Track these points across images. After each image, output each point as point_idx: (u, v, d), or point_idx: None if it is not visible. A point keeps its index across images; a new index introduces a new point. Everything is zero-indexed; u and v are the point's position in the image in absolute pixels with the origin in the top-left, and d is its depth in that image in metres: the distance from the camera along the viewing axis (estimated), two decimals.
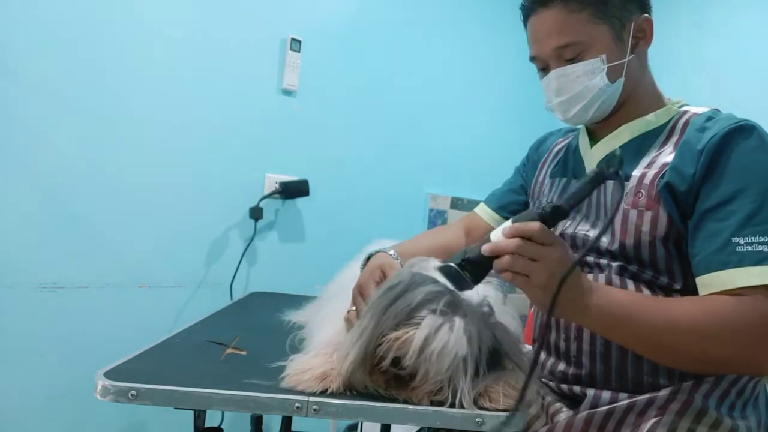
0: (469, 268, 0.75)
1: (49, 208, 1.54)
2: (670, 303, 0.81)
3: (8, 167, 1.48)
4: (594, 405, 0.87)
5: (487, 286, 0.88)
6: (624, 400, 0.84)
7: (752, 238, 0.77)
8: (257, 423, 1.73)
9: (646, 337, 0.78)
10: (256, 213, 1.87)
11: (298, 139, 1.99)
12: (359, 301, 0.90)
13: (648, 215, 0.86)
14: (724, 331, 0.76)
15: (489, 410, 0.71)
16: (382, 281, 0.89)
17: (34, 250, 1.52)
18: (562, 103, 0.95)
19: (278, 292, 1.74)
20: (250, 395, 0.71)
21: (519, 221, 0.75)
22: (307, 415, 0.70)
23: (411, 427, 0.82)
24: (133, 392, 0.70)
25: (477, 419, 0.70)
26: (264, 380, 0.76)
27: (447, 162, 2.40)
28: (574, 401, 0.92)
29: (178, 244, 1.76)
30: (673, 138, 0.90)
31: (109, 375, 0.73)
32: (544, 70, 0.97)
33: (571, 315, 0.81)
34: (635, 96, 0.95)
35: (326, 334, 0.89)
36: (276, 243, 1.97)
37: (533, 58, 0.98)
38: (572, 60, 0.92)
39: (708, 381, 0.82)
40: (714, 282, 0.79)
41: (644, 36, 0.94)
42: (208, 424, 0.96)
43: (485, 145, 2.52)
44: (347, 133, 2.11)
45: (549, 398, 0.96)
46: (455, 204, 2.42)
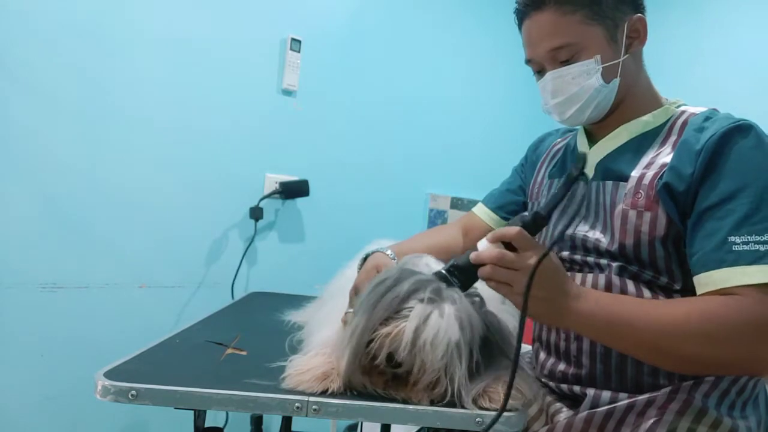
0: (457, 274, 0.78)
1: (49, 208, 1.54)
2: (659, 305, 0.81)
3: (8, 167, 1.48)
4: (594, 405, 0.87)
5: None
6: (624, 400, 0.84)
7: (749, 237, 0.77)
8: (257, 423, 1.73)
9: (635, 340, 0.78)
10: (256, 213, 1.87)
11: (298, 139, 1.99)
12: (356, 301, 0.90)
13: (647, 216, 0.86)
14: (714, 331, 0.75)
15: (489, 410, 0.71)
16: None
17: (34, 251, 1.52)
18: (559, 104, 0.96)
19: (278, 292, 1.74)
20: (250, 395, 0.71)
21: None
22: (307, 415, 0.70)
23: (411, 427, 0.82)
24: (133, 392, 0.70)
25: (477, 419, 0.70)
26: (264, 380, 0.76)
27: (447, 162, 2.40)
28: (574, 401, 0.92)
29: (178, 244, 1.76)
30: (672, 138, 0.90)
31: (109, 375, 0.73)
32: (540, 72, 0.98)
33: (559, 321, 0.81)
34: (632, 96, 0.96)
35: (325, 334, 0.89)
36: (276, 243, 1.97)
37: (529, 61, 0.99)
38: (567, 62, 0.92)
39: (708, 380, 0.82)
40: (709, 281, 0.79)
41: (638, 36, 0.94)
42: (209, 424, 0.96)
43: (485, 145, 2.52)
44: (347, 133, 2.11)
45: (549, 398, 0.96)
46: (455, 204, 2.42)
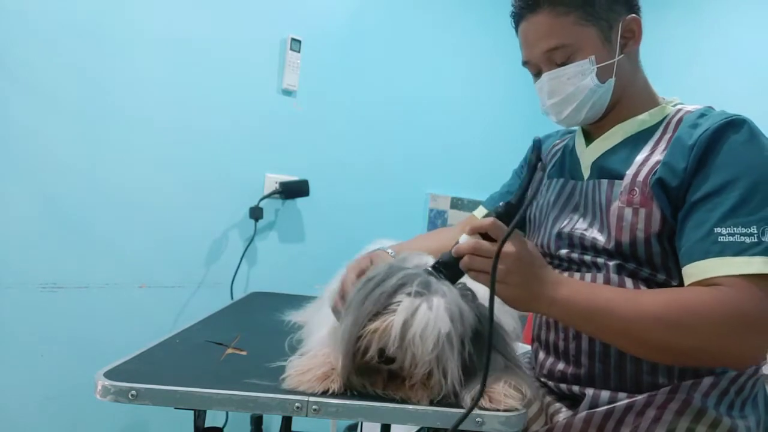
0: (443, 270, 0.79)
1: (49, 208, 1.54)
2: (640, 294, 0.82)
3: (8, 167, 1.48)
4: (593, 405, 0.87)
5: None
6: (623, 399, 0.84)
7: (734, 229, 0.77)
8: (257, 423, 1.73)
9: (614, 328, 0.78)
10: (256, 213, 1.87)
11: (298, 139, 1.99)
12: (343, 281, 0.91)
13: (642, 212, 0.86)
14: (691, 320, 0.74)
15: (489, 410, 0.71)
16: (367, 269, 0.90)
17: (34, 250, 1.52)
18: (555, 104, 0.97)
19: (278, 292, 1.74)
20: (250, 395, 0.71)
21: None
22: (307, 415, 0.70)
23: (411, 427, 0.82)
24: (133, 392, 0.70)
25: (477, 419, 0.70)
26: (264, 380, 0.76)
27: (447, 162, 2.40)
28: (573, 401, 0.92)
29: (178, 244, 1.76)
30: (667, 136, 0.91)
31: (109, 375, 0.73)
32: (537, 74, 0.99)
33: (536, 307, 0.81)
34: (628, 95, 0.96)
35: (325, 333, 0.89)
36: (276, 243, 1.97)
37: (526, 63, 1.00)
38: (563, 63, 0.93)
39: (707, 380, 0.82)
40: (694, 272, 0.79)
41: (633, 36, 0.94)
42: (210, 424, 0.96)
43: (485, 145, 2.52)
44: (347, 133, 2.11)
45: (548, 398, 0.96)
46: (455, 204, 2.42)
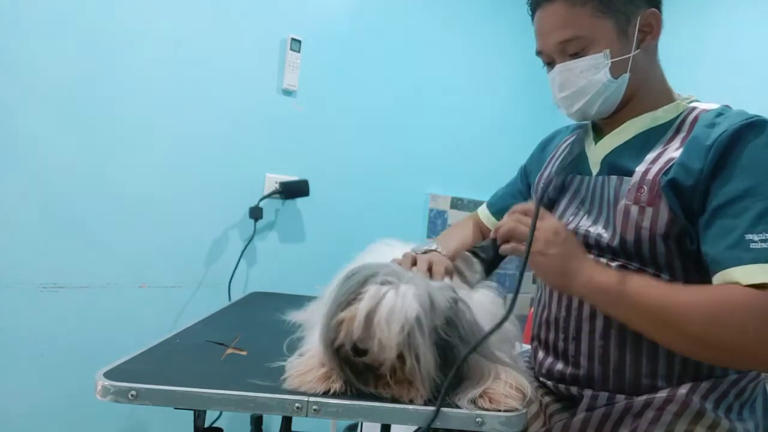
0: (480, 253, 0.84)
1: (49, 208, 1.54)
2: (677, 285, 0.81)
3: (8, 167, 1.48)
4: (591, 406, 0.87)
5: (487, 290, 0.89)
6: (621, 401, 0.84)
7: (766, 235, 0.75)
8: (257, 423, 1.73)
9: (651, 316, 0.76)
10: (256, 213, 1.87)
11: (298, 139, 1.99)
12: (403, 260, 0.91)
13: (649, 211, 0.84)
14: (734, 317, 0.73)
15: (489, 410, 0.71)
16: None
17: (34, 250, 1.52)
18: (566, 98, 0.95)
19: (278, 292, 1.74)
20: (250, 395, 0.71)
21: None
22: (307, 415, 0.70)
23: (411, 427, 0.82)
24: (133, 392, 0.70)
25: (477, 419, 0.70)
26: (264, 380, 0.76)
27: (447, 162, 2.40)
28: (571, 402, 0.92)
29: (178, 244, 1.76)
30: (681, 134, 0.88)
31: (109, 375, 0.73)
32: (550, 64, 0.97)
33: (573, 283, 0.80)
34: (643, 91, 0.94)
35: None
36: (276, 243, 1.97)
37: (539, 53, 0.97)
38: (576, 55, 0.91)
39: (706, 383, 0.82)
40: (728, 279, 0.76)
41: (651, 30, 0.91)
42: (210, 424, 0.96)
43: (485, 145, 2.52)
44: (347, 133, 2.11)
45: (547, 398, 0.96)
46: (455, 204, 2.42)
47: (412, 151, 2.29)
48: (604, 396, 0.86)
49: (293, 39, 1.93)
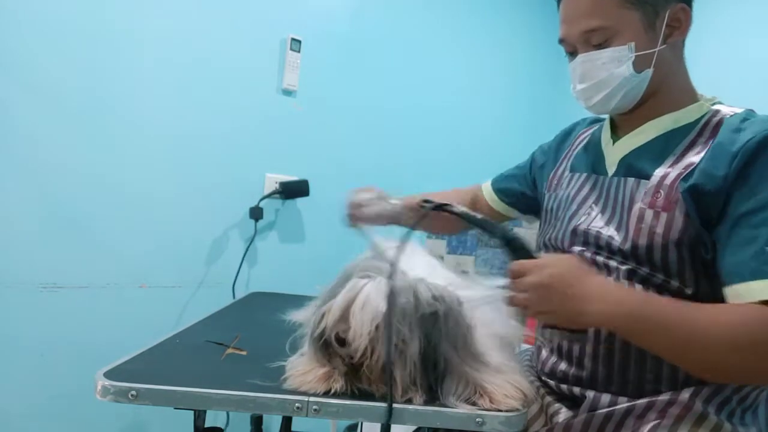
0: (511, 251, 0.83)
1: (49, 208, 1.54)
2: (698, 310, 0.76)
3: (8, 167, 1.48)
4: (593, 407, 0.86)
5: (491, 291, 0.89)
6: (624, 403, 0.84)
7: None
8: (257, 423, 1.73)
9: (672, 348, 0.75)
10: (256, 213, 1.87)
11: (298, 139, 1.98)
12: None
13: (663, 217, 0.82)
14: (754, 339, 0.71)
15: (489, 410, 0.71)
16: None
17: (34, 250, 1.52)
18: (585, 89, 0.91)
19: (278, 292, 1.74)
20: (250, 395, 0.71)
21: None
22: (307, 415, 0.70)
23: (411, 427, 0.82)
24: (133, 392, 0.70)
25: (477, 419, 0.70)
26: (264, 380, 0.76)
27: (447, 162, 2.40)
28: (573, 402, 0.92)
29: (179, 244, 1.75)
30: (703, 138, 0.85)
31: (109, 375, 0.73)
32: (572, 54, 0.94)
33: (588, 323, 0.80)
34: (666, 89, 0.90)
35: None
36: (276, 243, 1.97)
37: (562, 41, 0.94)
38: (600, 46, 0.88)
39: (709, 387, 0.82)
40: (746, 292, 0.74)
41: (679, 26, 0.88)
42: (211, 424, 0.96)
43: (486, 145, 2.52)
44: (347, 133, 2.11)
45: (548, 398, 0.95)
46: None
47: (412, 150, 2.29)
48: (606, 397, 0.86)
49: (293, 39, 1.92)
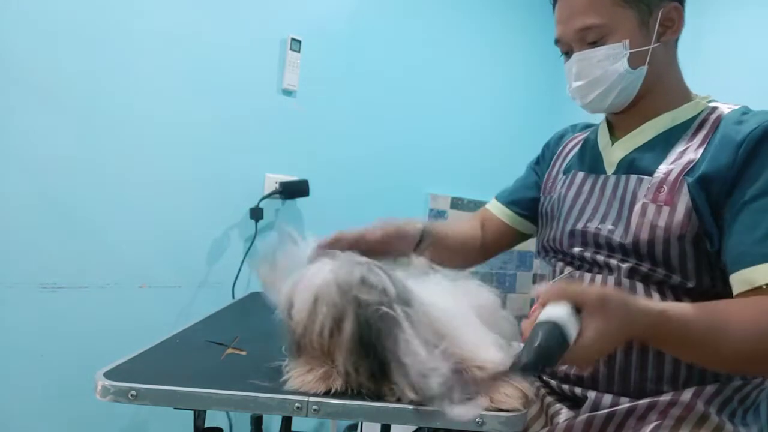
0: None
1: (49, 208, 1.54)
2: (717, 310, 0.75)
3: (8, 167, 1.48)
4: (594, 408, 0.86)
5: (481, 288, 0.87)
6: (625, 404, 0.83)
7: None
8: (257, 423, 1.73)
9: (701, 350, 0.74)
10: (256, 213, 1.87)
11: (298, 139, 1.99)
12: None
13: (665, 211, 0.83)
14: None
15: (490, 410, 0.71)
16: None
17: (34, 250, 1.52)
18: (581, 87, 0.93)
19: None
20: (250, 395, 0.71)
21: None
22: (307, 415, 0.70)
23: (411, 427, 0.82)
24: (133, 392, 0.70)
25: (477, 419, 0.70)
26: (264, 380, 0.76)
27: (447, 162, 2.40)
28: (574, 403, 0.92)
29: (179, 244, 1.76)
30: (702, 133, 0.87)
31: (109, 375, 0.73)
32: (568, 54, 0.95)
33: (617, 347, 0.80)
34: (660, 88, 0.92)
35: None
36: (276, 243, 1.97)
37: (557, 41, 0.96)
38: (595, 44, 0.90)
39: (710, 387, 0.82)
40: (753, 276, 0.74)
41: (672, 25, 0.90)
42: (212, 424, 0.96)
43: (486, 145, 2.52)
44: (347, 133, 2.11)
45: (549, 399, 0.95)
46: (455, 204, 2.42)
47: (412, 150, 2.29)
48: (608, 398, 0.86)
49: (293, 39, 1.93)
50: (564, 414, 0.90)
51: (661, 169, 0.86)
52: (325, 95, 2.04)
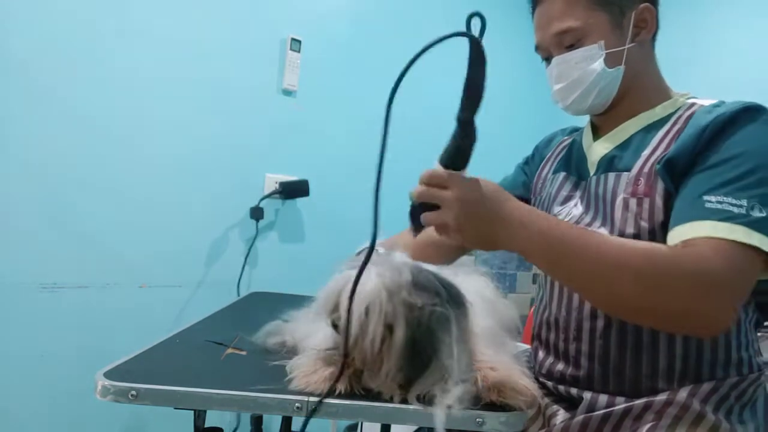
0: (413, 223, 0.84)
1: (49, 209, 1.54)
2: (610, 238, 0.78)
3: (8, 167, 1.48)
4: (590, 409, 0.86)
5: (480, 279, 0.89)
6: (621, 404, 0.84)
7: (723, 198, 0.75)
8: (257, 423, 1.73)
9: (582, 272, 0.75)
10: (256, 213, 1.87)
11: (298, 139, 1.99)
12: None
13: (646, 202, 0.85)
14: (655, 273, 0.72)
15: (497, 403, 0.71)
16: None
17: (34, 250, 1.52)
18: (562, 89, 0.96)
19: (278, 292, 1.74)
20: (250, 395, 0.71)
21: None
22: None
23: (410, 427, 0.82)
24: (133, 392, 0.70)
25: (477, 419, 0.70)
26: (264, 380, 0.76)
27: None
28: (571, 404, 0.92)
29: (179, 244, 1.76)
30: (677, 127, 0.89)
31: (109, 375, 0.73)
32: (548, 59, 0.99)
33: (503, 247, 0.79)
34: (639, 86, 0.95)
35: (324, 333, 0.89)
36: (276, 243, 1.97)
37: (537, 47, 1.00)
38: (572, 47, 0.93)
39: (706, 385, 0.82)
40: (675, 234, 0.77)
41: (646, 26, 0.93)
42: (212, 424, 0.96)
43: (485, 145, 2.51)
44: (347, 133, 2.11)
45: (546, 399, 0.95)
46: None
47: (412, 150, 2.29)
48: (603, 398, 0.86)
49: (293, 39, 1.93)
50: (561, 415, 0.90)
51: (636, 164, 0.89)
52: (325, 95, 2.04)
